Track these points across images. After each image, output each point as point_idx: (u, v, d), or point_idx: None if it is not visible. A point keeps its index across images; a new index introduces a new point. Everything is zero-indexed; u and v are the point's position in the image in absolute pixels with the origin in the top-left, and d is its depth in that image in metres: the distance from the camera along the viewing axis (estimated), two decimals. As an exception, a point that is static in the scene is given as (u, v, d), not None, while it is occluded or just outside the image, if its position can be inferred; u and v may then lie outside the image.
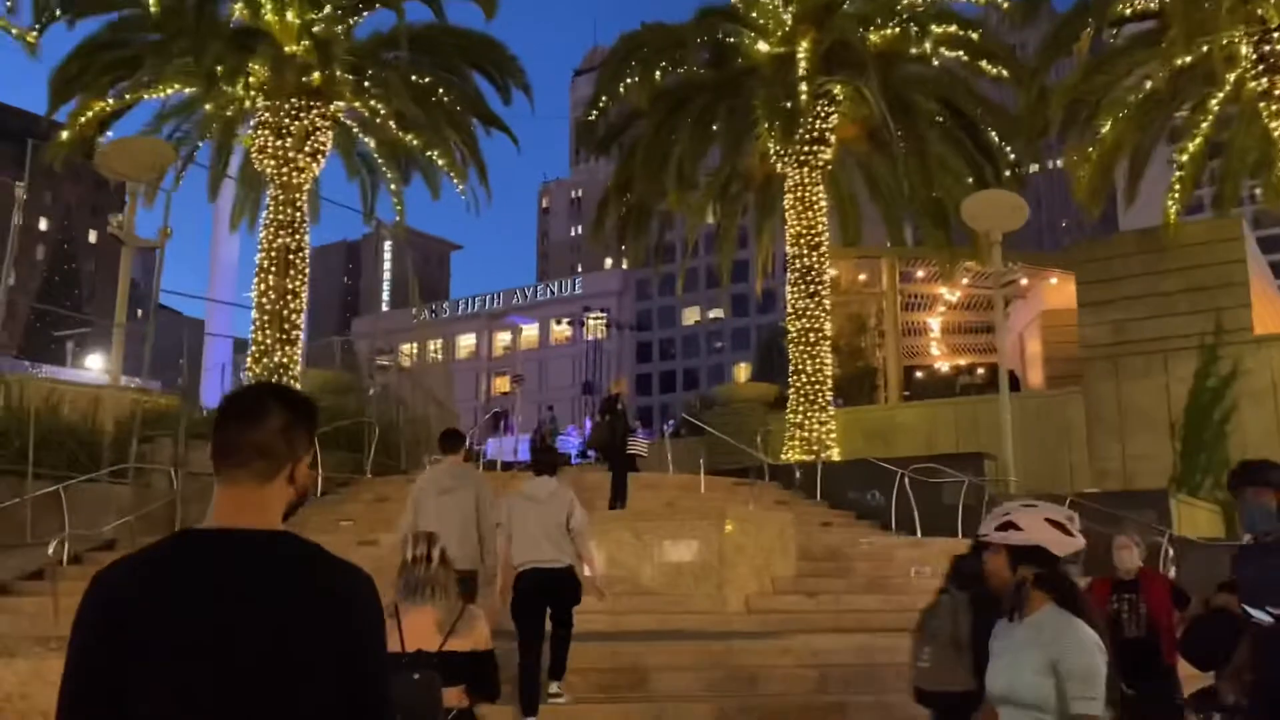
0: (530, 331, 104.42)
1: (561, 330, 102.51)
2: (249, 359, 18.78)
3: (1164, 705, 6.20)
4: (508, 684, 6.84)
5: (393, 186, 22.32)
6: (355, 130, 21.66)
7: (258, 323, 18.78)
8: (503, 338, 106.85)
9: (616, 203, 21.74)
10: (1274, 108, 16.39)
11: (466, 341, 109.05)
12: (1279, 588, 4.38)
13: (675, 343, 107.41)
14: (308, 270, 19.36)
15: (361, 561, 1.98)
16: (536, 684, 7.05)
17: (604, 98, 20.51)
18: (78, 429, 13.77)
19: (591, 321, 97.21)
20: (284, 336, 18.74)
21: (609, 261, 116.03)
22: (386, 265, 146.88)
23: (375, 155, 22.10)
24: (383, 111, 19.82)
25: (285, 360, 18.64)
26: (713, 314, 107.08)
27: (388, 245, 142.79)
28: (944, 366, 31.49)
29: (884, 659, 8.74)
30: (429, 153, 20.64)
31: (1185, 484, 17.80)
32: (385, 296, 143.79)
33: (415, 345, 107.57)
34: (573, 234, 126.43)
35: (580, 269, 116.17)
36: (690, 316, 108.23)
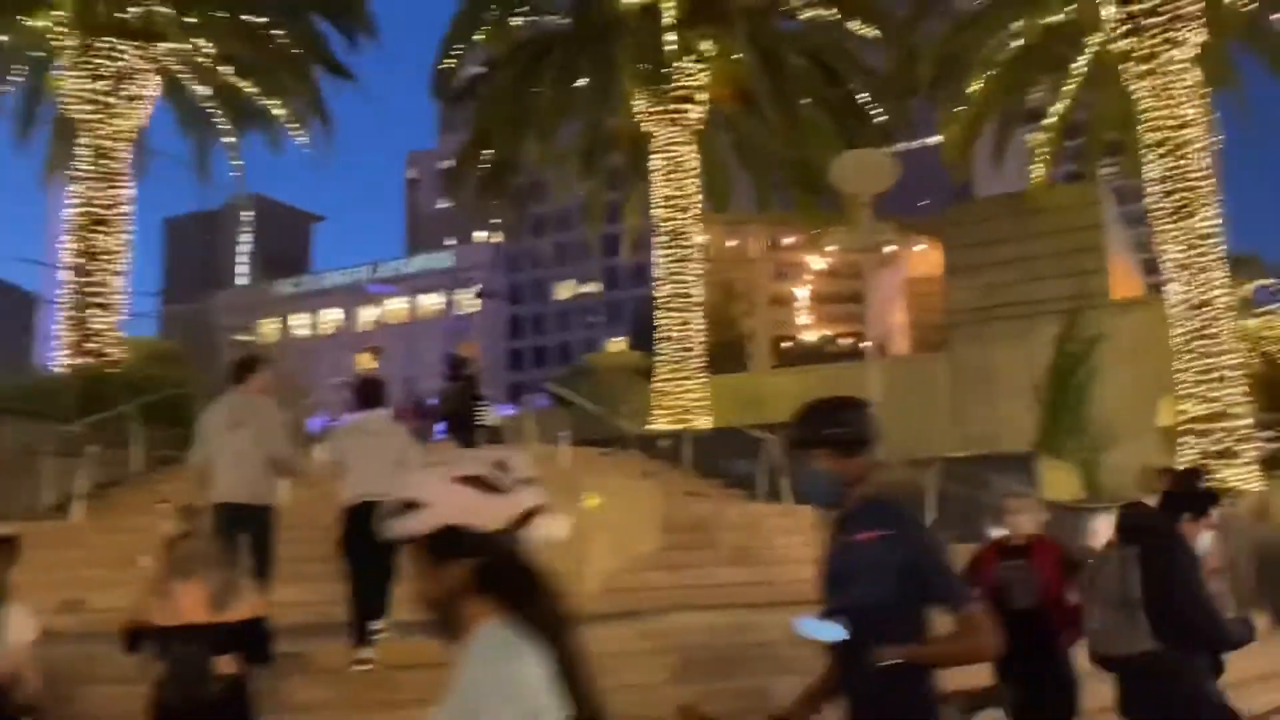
0: (398, 305, 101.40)
1: (431, 304, 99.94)
2: (61, 326, 16.84)
3: (1057, 682, 5.61)
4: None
5: (229, 140, 20.49)
6: (185, 76, 19.71)
7: (70, 286, 16.85)
8: (370, 312, 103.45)
9: (475, 159, 20.45)
10: (1137, 68, 16.37)
11: (332, 316, 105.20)
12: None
13: (548, 317, 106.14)
14: (130, 228, 17.49)
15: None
16: (367, 611, 6.83)
17: (457, 45, 19.17)
18: None
19: (461, 296, 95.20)
20: (100, 301, 16.86)
21: (480, 234, 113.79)
22: (247, 236, 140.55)
23: (207, 105, 20.19)
24: (212, 54, 18.01)
25: (101, 327, 16.79)
26: (587, 287, 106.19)
27: (247, 216, 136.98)
28: (812, 336, 31.39)
29: (751, 638, 8.03)
30: (266, 102, 18.93)
31: (1048, 446, 17.84)
32: (245, 269, 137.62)
33: (278, 321, 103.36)
34: (442, 206, 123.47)
35: (451, 241, 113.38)
36: (564, 290, 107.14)
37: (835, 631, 2.95)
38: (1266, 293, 49.02)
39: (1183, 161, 16.26)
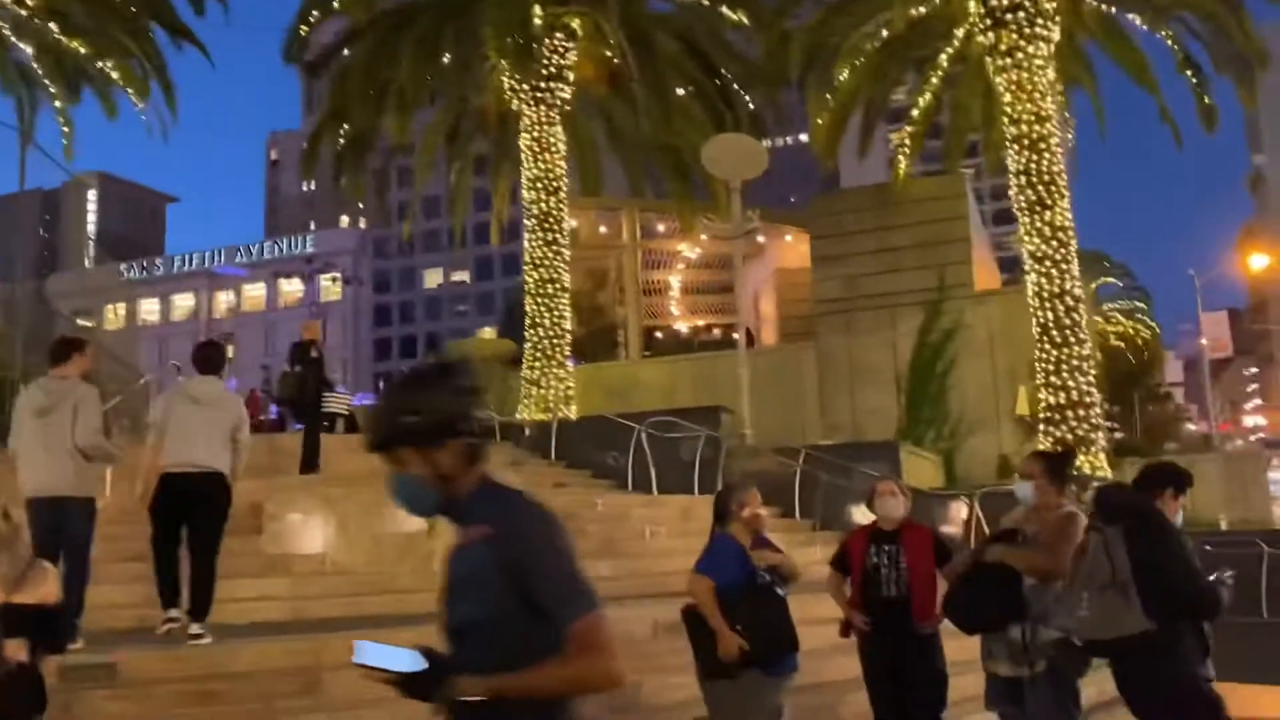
0: (255, 291, 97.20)
1: (292, 290, 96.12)
2: None
3: (927, 673, 5.37)
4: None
5: (57, 104, 18.84)
6: (6, 32, 18.01)
7: None
8: (226, 298, 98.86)
9: (332, 133, 19.35)
10: (998, 63, 16.66)
11: (184, 302, 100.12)
12: None
13: (416, 305, 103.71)
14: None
15: None
16: (176, 574, 6.61)
17: (314, 12, 18.07)
18: None
19: (325, 282, 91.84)
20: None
21: (345, 219, 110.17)
22: (91, 217, 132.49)
23: (35, 65, 18.52)
24: (36, 6, 16.45)
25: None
26: (456, 276, 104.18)
27: (91, 194, 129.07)
28: (683, 327, 31.29)
29: (616, 633, 7.58)
30: (100, 63, 17.44)
31: (910, 436, 18.09)
32: (89, 251, 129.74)
33: (126, 306, 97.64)
34: (305, 189, 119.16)
35: (314, 226, 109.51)
36: (432, 279, 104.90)
37: (404, 659, 2.19)
38: (1111, 289, 51.84)
39: (1041, 156, 16.65)
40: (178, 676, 6.15)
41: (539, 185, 19.63)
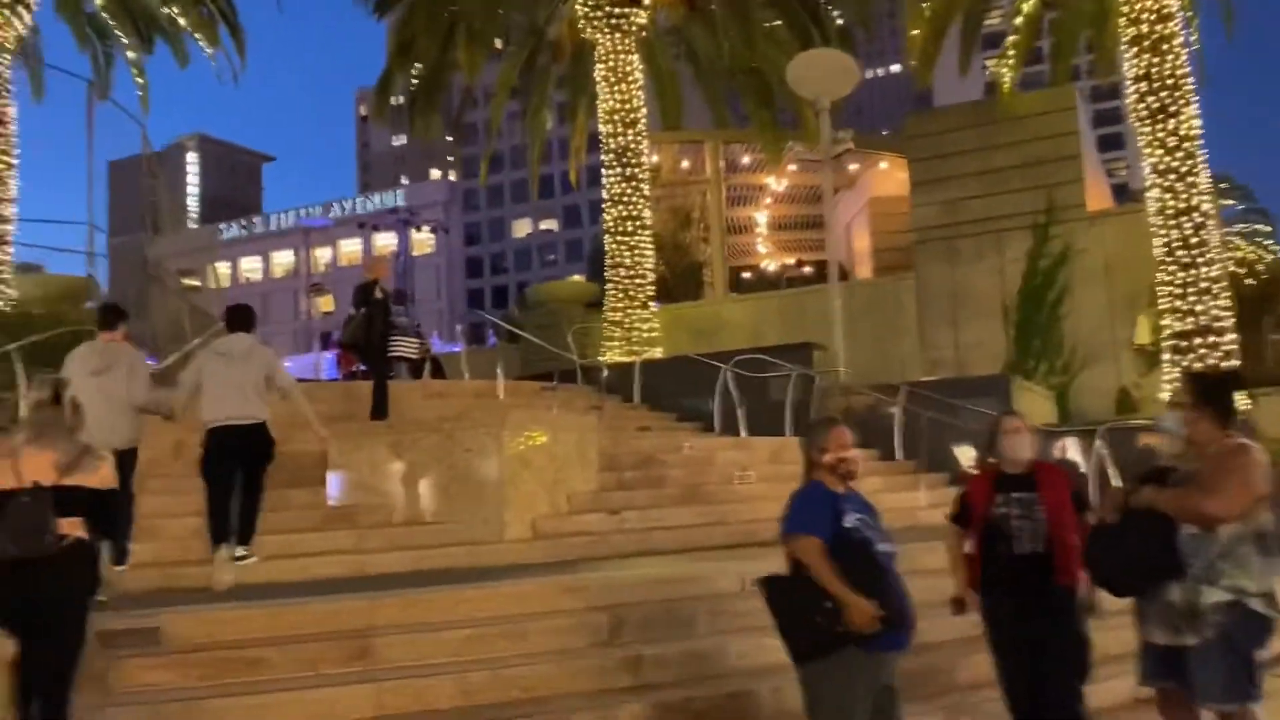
0: (351, 246, 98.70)
1: (385, 244, 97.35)
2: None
3: (1065, 637, 4.51)
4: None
5: (130, 55, 18.65)
6: (75, -18, 17.84)
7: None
8: (323, 254, 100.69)
9: (402, 71, 18.73)
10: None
11: (283, 259, 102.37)
12: None
13: (507, 255, 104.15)
14: (14, 152, 15.73)
15: None
16: (228, 518, 6.95)
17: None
18: None
19: (417, 236, 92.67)
20: (-15, 232, 15.22)
21: (435, 173, 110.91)
22: (192, 178, 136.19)
23: (106, 15, 18.33)
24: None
25: (-7, 262, 15.20)
26: (544, 225, 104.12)
27: (192, 157, 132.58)
28: (770, 265, 30.17)
29: (695, 590, 6.89)
30: (168, 8, 17.12)
31: (1019, 369, 16.88)
32: (193, 211, 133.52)
33: (229, 264, 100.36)
34: (395, 144, 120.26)
35: (405, 181, 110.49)
36: (521, 228, 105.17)
37: None
38: (1231, 212, 48.48)
39: (1164, 58, 15.08)
40: (223, 642, 5.68)
41: (616, 118, 18.75)
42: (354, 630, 5.90)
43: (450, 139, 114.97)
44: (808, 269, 28.13)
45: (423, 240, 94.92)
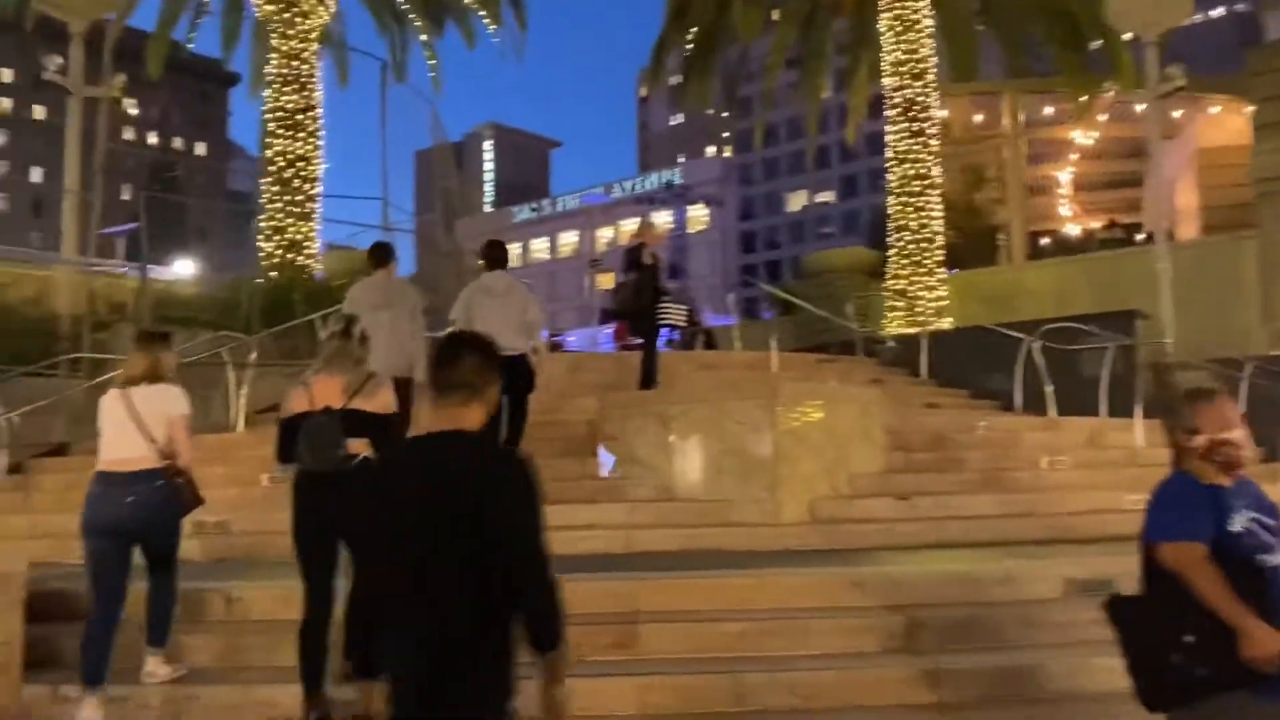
0: (630, 225, 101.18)
1: (663, 221, 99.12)
2: (260, 235, 16.48)
3: None
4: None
5: (424, 38, 19.50)
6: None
7: (268, 195, 16.43)
8: (605, 233, 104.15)
9: (677, 34, 18.30)
10: None
11: (569, 239, 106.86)
12: None
13: (781, 230, 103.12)
14: (321, 134, 16.81)
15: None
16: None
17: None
18: (26, 316, 11.68)
19: (692, 213, 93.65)
20: (297, 209, 16.35)
21: (710, 149, 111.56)
22: (488, 164, 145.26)
23: (403, 4, 19.25)
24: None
25: (299, 237, 16.31)
26: (820, 197, 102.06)
27: (488, 145, 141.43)
28: (1074, 230, 27.31)
29: (1003, 593, 5.87)
30: (454, -10, 17.69)
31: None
32: (488, 195, 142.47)
33: (519, 245, 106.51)
34: (673, 123, 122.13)
35: (682, 159, 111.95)
36: (796, 201, 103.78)
37: None
38: None
39: None
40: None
41: (902, 70, 17.39)
42: (618, 615, 5.43)
43: (725, 114, 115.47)
44: (1118, 231, 25.18)
45: (697, 217, 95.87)
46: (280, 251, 16.10)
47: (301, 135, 16.50)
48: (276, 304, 13.62)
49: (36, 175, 77.82)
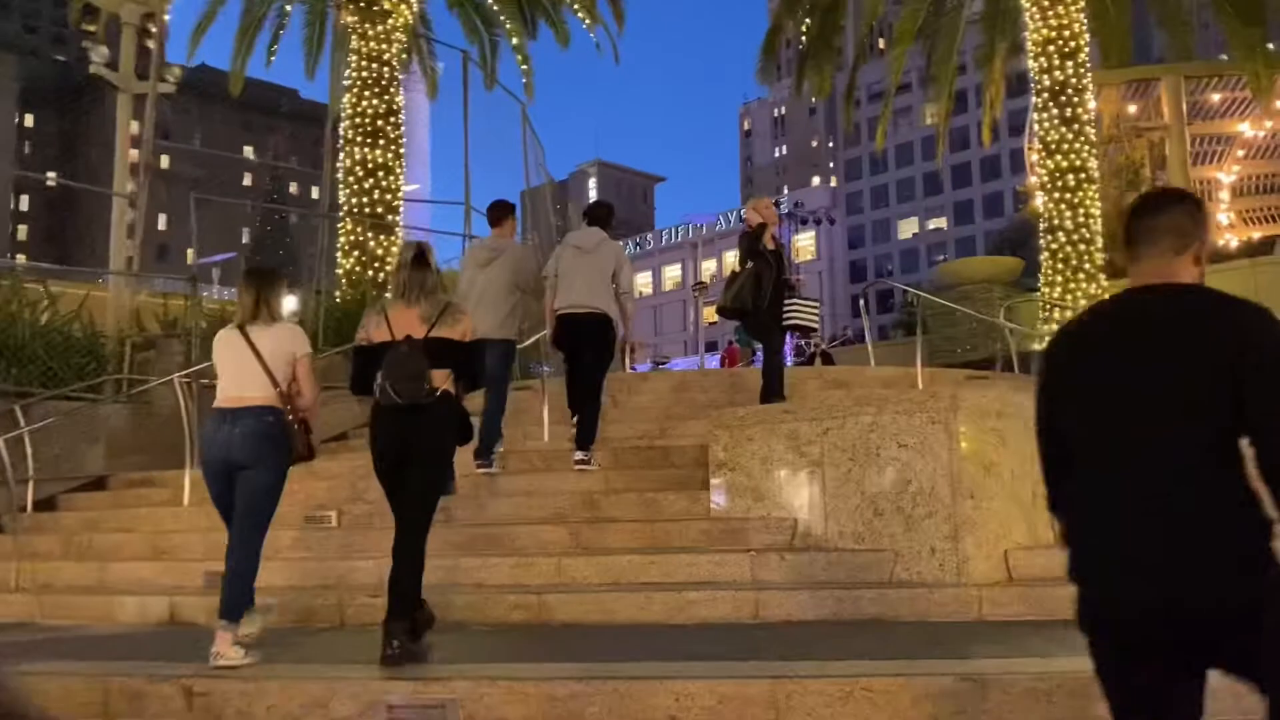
0: (734, 256, 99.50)
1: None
2: (339, 249, 15.18)
3: None
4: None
5: (514, 41, 18.16)
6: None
7: (346, 207, 15.17)
8: (708, 265, 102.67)
9: (791, 19, 16.46)
10: None
11: (672, 272, 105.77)
12: None
13: (892, 257, 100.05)
14: (402, 140, 15.52)
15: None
16: (577, 398, 7.23)
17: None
18: (66, 335, 10.43)
19: (799, 242, 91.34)
20: (376, 221, 15.04)
21: (815, 179, 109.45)
22: (592, 197, 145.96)
23: (492, 4, 17.96)
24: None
25: (379, 250, 14.99)
26: (932, 224, 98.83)
27: (592, 181, 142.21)
28: (1232, 240, 24.28)
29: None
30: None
31: None
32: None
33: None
34: (777, 154, 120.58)
35: (786, 190, 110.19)
36: (907, 228, 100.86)
37: None
38: None
39: None
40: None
41: (1050, 50, 15.23)
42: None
43: (830, 145, 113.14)
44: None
45: (805, 246, 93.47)
46: (359, 268, 14.80)
47: (382, 143, 15.22)
48: (348, 321, 12.21)
49: (162, 223, 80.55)
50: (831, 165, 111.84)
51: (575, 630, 5.17)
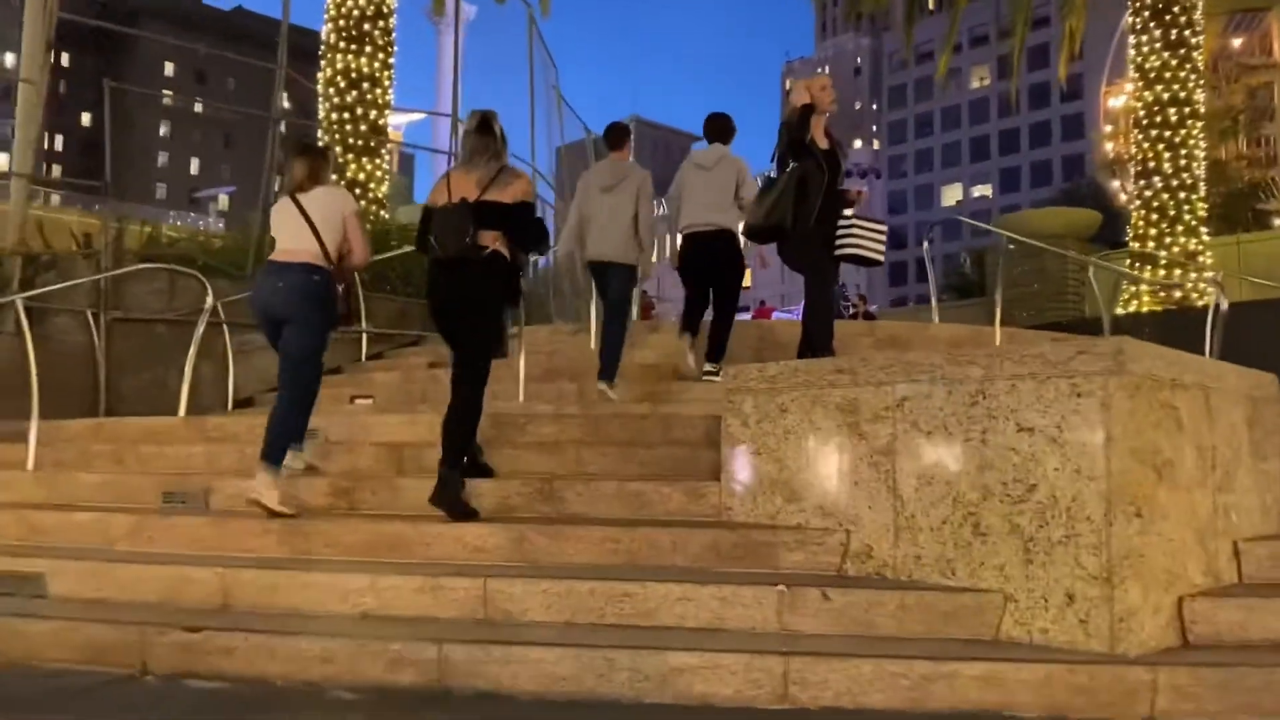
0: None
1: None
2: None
3: None
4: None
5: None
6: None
7: (325, 122, 13.20)
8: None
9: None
10: None
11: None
12: None
13: (933, 226, 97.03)
14: (393, 48, 13.48)
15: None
16: (697, 320, 7.20)
17: None
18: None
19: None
20: (360, 144, 13.06)
21: (858, 142, 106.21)
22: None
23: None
24: None
25: (362, 175, 13.03)
26: (977, 191, 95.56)
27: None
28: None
29: None
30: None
31: None
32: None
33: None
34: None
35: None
36: (950, 195, 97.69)
37: None
38: None
39: None
40: None
41: (1153, -42, 12.85)
42: None
43: (874, 107, 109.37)
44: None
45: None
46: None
47: (368, 49, 13.20)
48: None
49: (195, 167, 78.58)
50: (874, 128, 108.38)
51: (488, 704, 3.20)
